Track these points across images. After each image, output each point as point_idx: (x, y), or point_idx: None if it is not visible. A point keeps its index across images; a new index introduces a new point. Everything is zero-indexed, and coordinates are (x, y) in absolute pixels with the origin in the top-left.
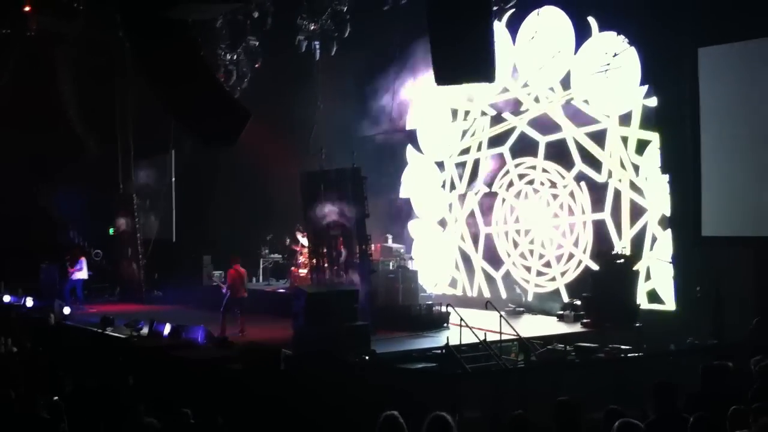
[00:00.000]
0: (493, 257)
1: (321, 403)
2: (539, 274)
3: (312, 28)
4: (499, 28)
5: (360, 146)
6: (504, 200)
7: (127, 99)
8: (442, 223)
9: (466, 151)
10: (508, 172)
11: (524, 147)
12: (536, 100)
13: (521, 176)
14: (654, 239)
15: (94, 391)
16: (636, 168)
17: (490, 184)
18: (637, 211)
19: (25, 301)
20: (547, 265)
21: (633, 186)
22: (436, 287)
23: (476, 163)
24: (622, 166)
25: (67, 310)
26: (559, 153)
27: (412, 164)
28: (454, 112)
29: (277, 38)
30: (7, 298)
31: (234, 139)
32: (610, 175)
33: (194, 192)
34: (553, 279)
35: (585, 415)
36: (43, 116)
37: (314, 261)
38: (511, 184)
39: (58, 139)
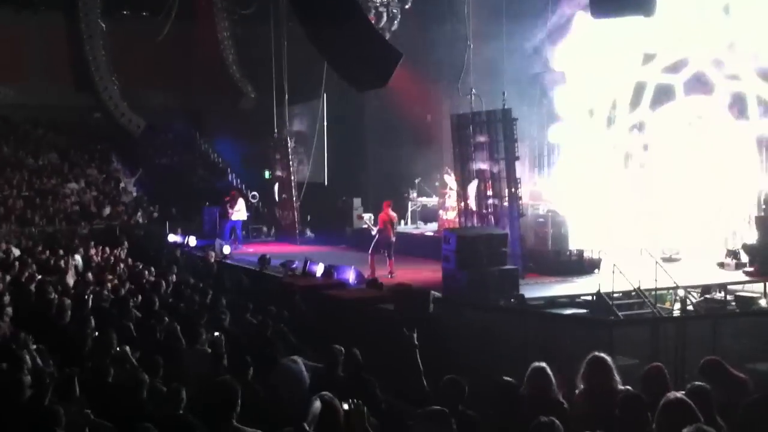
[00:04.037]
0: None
1: (469, 345)
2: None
3: None
4: None
5: (511, 87)
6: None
7: (282, 46)
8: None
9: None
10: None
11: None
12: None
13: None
14: None
15: (251, 326)
16: None
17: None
18: None
19: (188, 240)
20: (706, 213)
21: None
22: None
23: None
24: None
25: (227, 249)
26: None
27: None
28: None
29: None
30: (172, 237)
31: (385, 80)
32: None
33: (345, 136)
34: (709, 227)
35: (745, 365)
36: (202, 65)
37: (462, 204)
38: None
39: (217, 87)
